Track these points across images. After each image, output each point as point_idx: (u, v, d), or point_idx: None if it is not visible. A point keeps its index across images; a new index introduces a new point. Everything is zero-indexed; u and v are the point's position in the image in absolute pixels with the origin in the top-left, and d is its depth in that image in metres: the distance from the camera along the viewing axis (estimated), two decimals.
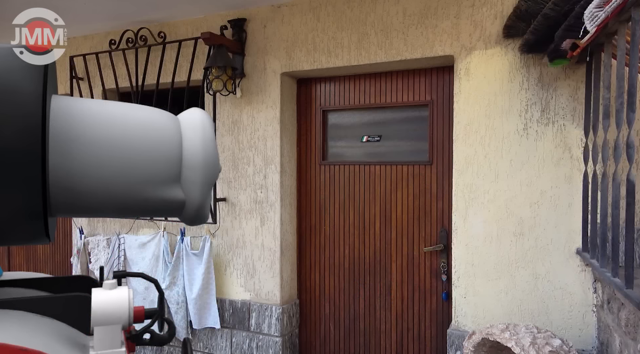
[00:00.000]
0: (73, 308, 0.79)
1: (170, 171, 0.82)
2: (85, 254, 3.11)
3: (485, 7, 2.20)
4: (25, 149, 0.69)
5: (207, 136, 0.83)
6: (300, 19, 2.62)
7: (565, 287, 2.09)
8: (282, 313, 2.72)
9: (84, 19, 2.92)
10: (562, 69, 2.07)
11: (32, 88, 0.70)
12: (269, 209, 2.75)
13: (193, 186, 0.82)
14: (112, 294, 0.76)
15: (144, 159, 0.80)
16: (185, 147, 0.82)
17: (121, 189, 0.79)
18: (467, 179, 2.25)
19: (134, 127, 0.82)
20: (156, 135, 0.83)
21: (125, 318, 0.76)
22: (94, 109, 0.82)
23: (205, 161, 0.82)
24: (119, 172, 0.78)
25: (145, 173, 0.80)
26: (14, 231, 0.75)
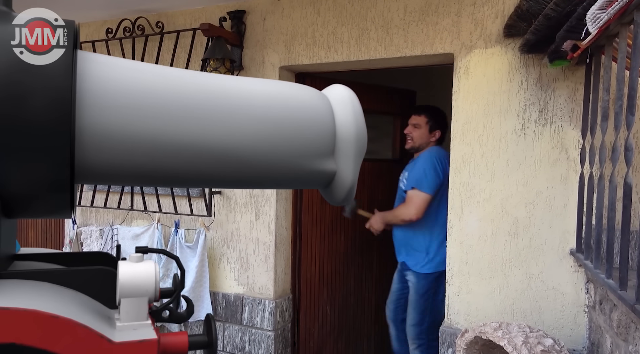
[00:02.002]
0: (96, 282, 0.80)
1: (325, 143, 0.84)
2: (77, 244, 3.08)
3: (486, 5, 2.19)
4: (53, 121, 0.69)
5: (356, 110, 0.85)
6: (300, 13, 2.60)
7: (558, 287, 2.10)
8: (275, 307, 2.72)
9: (81, 6, 2.88)
10: (561, 70, 2.07)
11: (61, 60, 0.72)
12: (264, 203, 2.74)
13: (346, 159, 0.84)
14: (139, 267, 0.77)
15: (296, 132, 0.81)
16: (338, 121, 0.83)
17: (283, 161, 0.82)
18: (464, 178, 2.25)
19: (289, 101, 0.86)
20: (310, 108, 0.86)
21: (152, 291, 0.77)
22: (237, 84, 0.83)
23: (358, 134, 0.84)
24: (280, 145, 0.80)
25: (300, 146, 0.81)
26: (39, 203, 0.76)
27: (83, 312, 0.72)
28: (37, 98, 0.68)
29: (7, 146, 0.68)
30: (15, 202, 0.74)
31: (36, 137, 0.69)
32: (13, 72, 0.68)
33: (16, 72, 0.68)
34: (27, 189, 0.73)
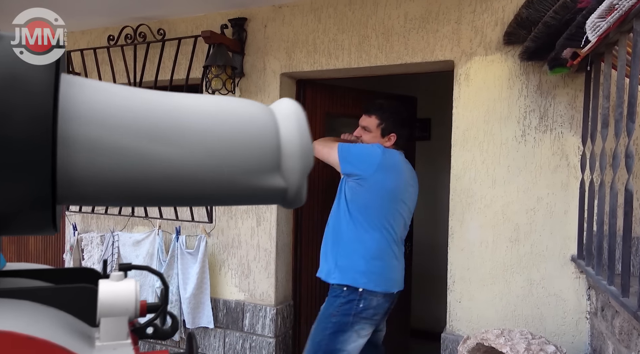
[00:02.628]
0: (78, 299, 0.78)
1: (271, 159, 0.84)
2: (78, 250, 3.08)
3: (486, 13, 2.21)
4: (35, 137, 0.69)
5: (301, 124, 0.85)
6: (301, 20, 2.61)
7: (559, 293, 2.10)
8: (276, 314, 2.71)
9: (82, 13, 2.89)
10: (561, 77, 2.08)
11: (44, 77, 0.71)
12: (265, 209, 2.74)
13: (292, 173, 0.85)
14: (120, 285, 0.77)
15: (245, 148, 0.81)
16: (283, 137, 0.84)
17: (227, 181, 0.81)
18: (464, 184, 2.26)
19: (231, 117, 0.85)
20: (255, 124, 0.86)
21: (132, 310, 0.76)
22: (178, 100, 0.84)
23: (302, 149, 0.85)
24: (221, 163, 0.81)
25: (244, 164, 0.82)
26: (20, 220, 0.76)
27: (62, 332, 0.72)
28: (19, 115, 0.68)
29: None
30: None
31: (17, 155, 0.69)
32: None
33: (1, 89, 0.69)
34: (7, 207, 0.73)
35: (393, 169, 2.11)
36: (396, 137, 2.20)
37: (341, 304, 2.01)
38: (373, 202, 2.07)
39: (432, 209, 3.92)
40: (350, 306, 2.00)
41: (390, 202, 2.10)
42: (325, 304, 2.09)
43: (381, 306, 2.04)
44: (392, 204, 2.10)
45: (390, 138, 2.20)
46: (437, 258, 3.57)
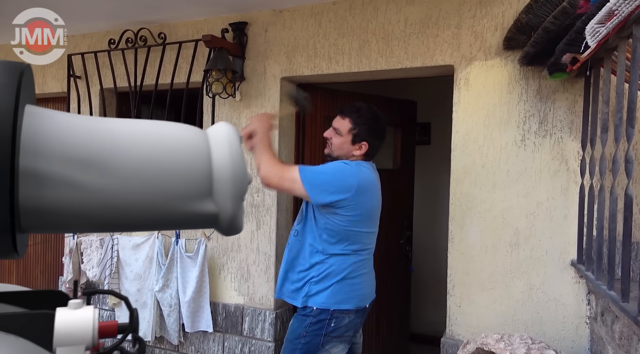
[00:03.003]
0: (39, 325, 0.77)
1: (201, 186, 0.84)
2: (77, 254, 3.07)
3: (486, 18, 2.22)
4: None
5: (234, 149, 0.85)
6: (301, 25, 2.62)
7: (559, 298, 2.10)
8: (275, 318, 2.71)
9: (84, 17, 2.90)
10: (560, 82, 2.09)
11: (3, 103, 0.69)
12: (265, 213, 2.74)
13: (224, 198, 0.85)
14: (76, 314, 0.76)
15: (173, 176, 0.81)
16: (214, 162, 0.84)
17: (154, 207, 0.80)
18: (464, 189, 2.26)
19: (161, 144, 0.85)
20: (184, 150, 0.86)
21: (89, 339, 0.75)
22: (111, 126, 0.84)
23: (234, 174, 0.84)
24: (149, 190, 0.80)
25: (173, 190, 0.82)
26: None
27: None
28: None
29: None
30: None
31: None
32: None
33: None
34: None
35: (369, 190, 1.88)
36: (367, 147, 1.92)
37: (311, 323, 1.85)
38: (350, 229, 1.85)
39: (432, 213, 3.92)
40: (320, 326, 1.85)
41: (368, 225, 1.91)
42: (294, 323, 1.93)
43: (353, 322, 1.89)
44: (369, 225, 1.92)
45: (361, 147, 1.92)
46: (437, 262, 3.57)
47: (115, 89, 3.07)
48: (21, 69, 0.75)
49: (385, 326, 3.16)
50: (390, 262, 3.17)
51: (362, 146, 1.92)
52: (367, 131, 1.92)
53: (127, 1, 2.61)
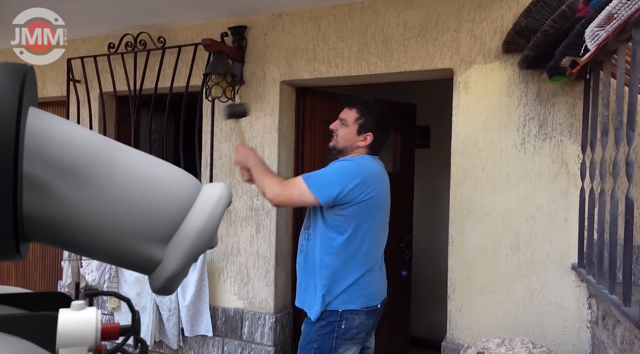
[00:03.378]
0: (42, 327, 0.77)
1: (164, 230, 0.83)
2: (76, 258, 3.06)
3: (485, 22, 2.22)
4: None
5: (216, 210, 0.85)
6: (301, 28, 2.63)
7: (560, 302, 2.09)
8: (275, 322, 2.70)
9: (83, 21, 2.90)
10: (560, 85, 2.09)
11: (6, 105, 0.69)
12: (265, 216, 2.74)
13: (177, 250, 0.84)
14: (79, 315, 0.75)
15: (146, 212, 0.81)
16: (190, 214, 0.84)
17: (109, 235, 0.80)
18: (464, 192, 2.26)
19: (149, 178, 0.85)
20: (168, 193, 0.85)
21: (92, 340, 0.75)
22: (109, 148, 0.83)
23: (201, 232, 0.84)
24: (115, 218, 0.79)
25: (138, 225, 0.81)
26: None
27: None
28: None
29: None
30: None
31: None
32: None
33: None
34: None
35: (374, 177, 1.85)
36: (373, 138, 1.90)
37: (321, 327, 1.83)
38: (361, 227, 1.82)
39: (432, 216, 3.92)
40: (330, 328, 1.81)
41: (376, 216, 1.86)
42: (305, 328, 1.90)
43: (364, 323, 1.85)
44: (378, 216, 1.87)
45: (366, 138, 1.90)
46: (437, 265, 3.56)
47: (114, 93, 3.07)
48: (24, 70, 0.75)
49: (385, 330, 3.15)
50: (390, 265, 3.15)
51: (367, 137, 1.90)
52: (373, 121, 1.91)
53: (127, 6, 2.62)
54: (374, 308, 1.88)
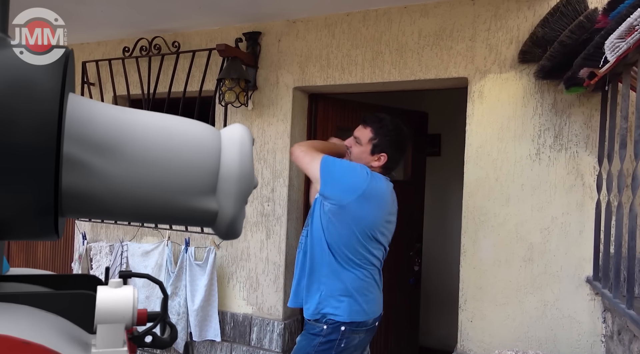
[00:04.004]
0: (77, 306, 0.78)
1: (206, 182, 0.84)
2: (87, 260, 3.08)
3: (501, 31, 2.21)
4: (40, 145, 0.70)
5: (244, 150, 0.86)
6: (315, 35, 2.63)
7: (574, 315, 2.06)
8: (284, 328, 2.69)
9: (99, 25, 2.93)
10: (576, 96, 2.07)
11: (50, 85, 0.71)
12: (275, 222, 2.73)
13: (227, 197, 0.85)
14: (117, 292, 0.76)
15: (179, 169, 0.82)
16: (223, 160, 0.85)
17: (159, 197, 0.82)
18: (477, 202, 2.24)
19: (173, 136, 0.86)
20: (195, 146, 0.86)
21: (129, 318, 0.75)
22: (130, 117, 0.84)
23: (241, 174, 0.86)
24: (158, 180, 0.81)
25: (180, 183, 0.83)
26: (23, 226, 0.76)
27: (58, 338, 0.71)
28: (25, 122, 0.68)
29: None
30: (1, 225, 0.73)
31: (22, 161, 0.69)
32: (5, 96, 0.69)
33: (8, 96, 0.69)
34: (11, 212, 0.73)
35: (376, 200, 1.83)
36: (387, 159, 1.88)
37: (320, 343, 1.79)
38: (351, 235, 1.80)
39: (442, 225, 3.89)
40: (330, 345, 1.79)
41: (369, 236, 1.83)
42: (302, 341, 1.87)
43: (363, 341, 1.86)
44: (371, 236, 1.84)
45: (380, 158, 1.88)
46: (447, 275, 3.53)
47: (128, 97, 3.09)
48: (67, 53, 0.76)
49: (393, 340, 3.13)
50: (399, 274, 3.14)
51: (381, 158, 1.89)
52: (387, 142, 1.88)
53: (142, 10, 2.64)
54: (372, 327, 1.88)
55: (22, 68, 0.72)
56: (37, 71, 0.72)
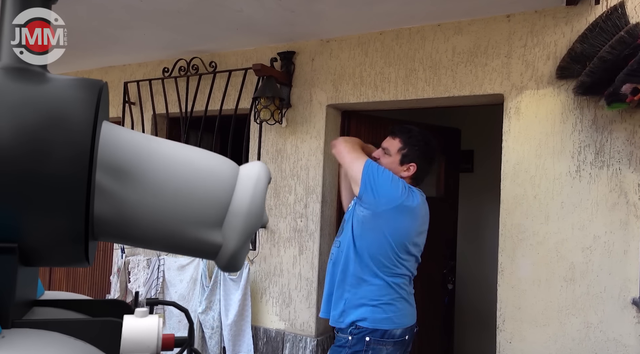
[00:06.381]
0: (106, 333, 0.80)
1: (216, 215, 0.86)
2: (125, 273, 3.16)
3: (537, 47, 2.20)
4: (72, 174, 0.72)
5: (258, 188, 0.89)
6: (348, 54, 2.68)
7: (619, 338, 1.98)
8: (316, 345, 2.68)
9: (141, 47, 3.07)
10: (618, 112, 2.03)
11: (84, 116, 0.73)
12: (308, 238, 2.75)
13: (233, 231, 0.87)
14: (143, 322, 0.78)
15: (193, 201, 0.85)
16: (235, 196, 0.88)
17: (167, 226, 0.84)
18: (515, 220, 2.20)
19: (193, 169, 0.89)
20: (212, 180, 0.88)
21: (154, 348, 0.77)
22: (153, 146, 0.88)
23: (250, 210, 0.87)
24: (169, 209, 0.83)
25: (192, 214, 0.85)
26: (55, 253, 0.79)
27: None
28: (60, 153, 0.71)
29: (28, 199, 0.71)
30: (33, 253, 0.76)
31: (56, 191, 0.71)
32: (41, 128, 0.71)
33: (44, 129, 0.71)
34: (44, 241, 0.75)
35: (410, 213, 1.84)
36: (416, 169, 1.89)
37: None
38: (383, 243, 1.79)
39: (477, 243, 3.82)
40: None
41: (402, 245, 1.83)
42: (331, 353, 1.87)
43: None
44: (404, 246, 1.83)
45: (409, 168, 1.89)
46: (483, 294, 3.45)
47: (167, 115, 3.20)
48: (100, 86, 0.80)
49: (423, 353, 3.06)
50: (433, 292, 3.09)
51: (411, 168, 1.89)
52: (417, 152, 1.89)
53: (182, 33, 2.75)
54: (402, 340, 1.82)
55: (58, 100, 0.75)
56: (72, 103, 0.74)
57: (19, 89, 0.75)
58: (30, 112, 0.72)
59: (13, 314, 0.76)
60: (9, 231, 0.72)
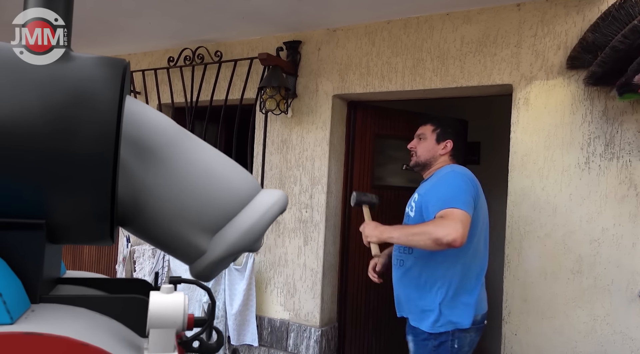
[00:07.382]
0: (131, 309, 0.81)
1: (217, 224, 0.87)
2: (130, 262, 3.18)
3: (547, 37, 2.16)
4: (99, 154, 0.73)
5: (268, 213, 0.90)
6: (355, 43, 2.65)
7: (626, 331, 1.97)
8: (321, 335, 2.68)
9: (147, 37, 3.05)
10: (629, 103, 2.00)
11: (110, 95, 0.74)
12: (313, 229, 2.75)
13: (222, 242, 0.88)
14: (169, 298, 0.79)
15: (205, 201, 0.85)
16: (243, 213, 0.88)
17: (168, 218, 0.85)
18: (522, 211, 2.18)
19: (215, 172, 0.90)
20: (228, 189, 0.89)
21: (180, 323, 0.78)
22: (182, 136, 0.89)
23: (249, 229, 0.88)
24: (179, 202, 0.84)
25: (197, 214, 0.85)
26: (81, 231, 0.80)
27: (114, 341, 0.73)
28: (86, 131, 0.71)
29: (56, 177, 0.71)
30: (60, 230, 0.76)
31: (82, 169, 0.72)
32: (67, 106, 0.71)
33: (70, 107, 0.71)
34: (71, 218, 0.76)
35: (479, 190, 1.87)
36: (452, 145, 1.93)
37: (434, 347, 1.76)
38: (472, 236, 1.75)
39: None
40: (444, 347, 1.75)
41: (484, 230, 1.88)
42: (415, 350, 1.85)
43: (474, 340, 1.82)
44: (485, 230, 1.90)
45: (446, 145, 1.93)
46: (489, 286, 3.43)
47: (172, 104, 3.19)
48: (124, 65, 0.80)
49: None
50: None
51: (447, 144, 1.94)
52: (449, 129, 1.97)
53: (189, 22, 2.73)
54: (480, 326, 1.84)
55: (84, 79, 0.75)
56: (97, 82, 0.75)
57: (45, 66, 0.74)
58: (57, 90, 0.72)
59: (41, 290, 0.77)
60: (37, 208, 0.73)
